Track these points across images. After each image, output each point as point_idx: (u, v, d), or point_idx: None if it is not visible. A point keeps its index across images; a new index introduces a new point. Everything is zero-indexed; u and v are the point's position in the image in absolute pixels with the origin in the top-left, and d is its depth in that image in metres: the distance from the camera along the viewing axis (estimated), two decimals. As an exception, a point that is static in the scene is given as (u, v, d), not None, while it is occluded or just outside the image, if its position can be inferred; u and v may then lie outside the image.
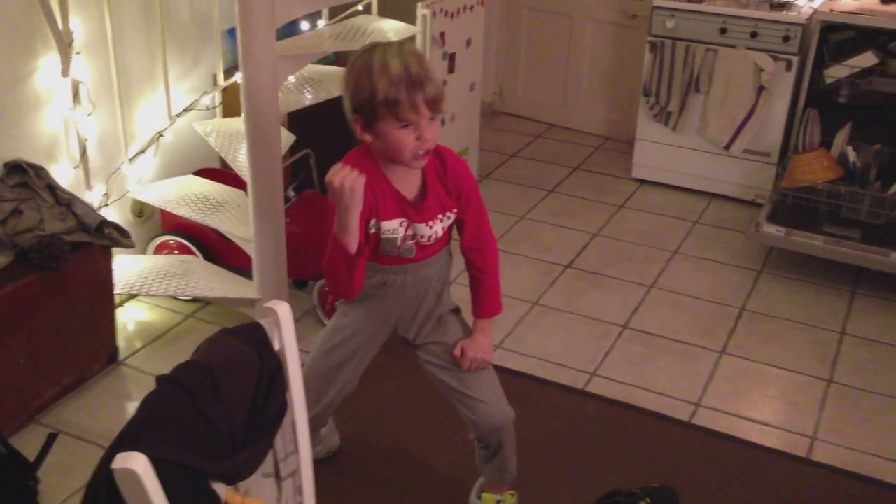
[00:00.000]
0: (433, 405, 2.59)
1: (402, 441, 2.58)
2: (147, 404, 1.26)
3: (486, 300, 2.07)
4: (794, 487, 2.46)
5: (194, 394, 1.27)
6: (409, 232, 1.93)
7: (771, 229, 3.48)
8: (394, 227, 1.91)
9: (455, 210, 1.97)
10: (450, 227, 2.01)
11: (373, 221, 1.89)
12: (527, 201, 4.10)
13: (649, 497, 2.29)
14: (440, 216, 1.94)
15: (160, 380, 1.31)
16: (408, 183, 1.91)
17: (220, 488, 1.33)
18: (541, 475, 2.46)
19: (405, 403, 2.72)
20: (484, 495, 2.25)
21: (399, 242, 1.94)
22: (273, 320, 1.50)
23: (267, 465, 1.47)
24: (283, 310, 1.51)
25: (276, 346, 1.50)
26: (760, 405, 2.81)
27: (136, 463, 1.14)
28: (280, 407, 1.44)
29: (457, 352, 2.04)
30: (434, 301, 2.07)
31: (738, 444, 2.61)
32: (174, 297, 3.13)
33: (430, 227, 1.94)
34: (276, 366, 1.45)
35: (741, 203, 4.06)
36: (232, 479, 1.33)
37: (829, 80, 3.69)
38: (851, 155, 3.47)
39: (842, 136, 3.57)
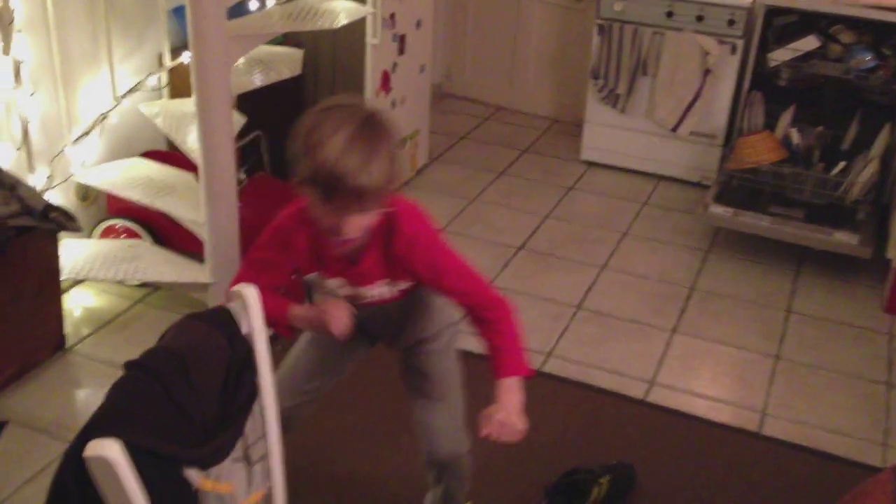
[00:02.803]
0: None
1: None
2: (117, 391, 1.23)
3: (495, 359, 1.77)
4: (745, 462, 2.52)
5: (165, 380, 1.24)
6: (354, 293, 1.79)
7: (718, 210, 3.55)
8: (337, 285, 1.79)
9: (408, 283, 1.80)
10: (412, 286, 1.82)
11: (314, 275, 1.79)
12: (477, 184, 4.10)
13: (608, 474, 2.33)
14: (385, 282, 1.78)
15: (129, 366, 1.27)
16: (346, 243, 1.70)
17: (192, 474, 1.31)
18: (499, 457, 2.47)
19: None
20: None
21: (342, 295, 1.81)
22: (241, 304, 1.48)
23: (237, 449, 1.44)
24: (251, 293, 1.49)
25: (244, 331, 1.47)
26: (711, 382, 2.87)
27: (110, 450, 1.11)
28: (250, 392, 1.42)
29: (485, 431, 1.73)
30: (411, 329, 1.91)
31: (691, 421, 2.67)
32: (122, 283, 3.06)
33: (373, 289, 1.79)
34: (245, 351, 1.43)
35: (688, 184, 4.12)
36: (205, 466, 1.31)
37: (772, 64, 3.76)
38: (795, 137, 3.55)
39: (785, 119, 3.65)
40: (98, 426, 1.16)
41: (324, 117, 1.56)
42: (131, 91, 3.11)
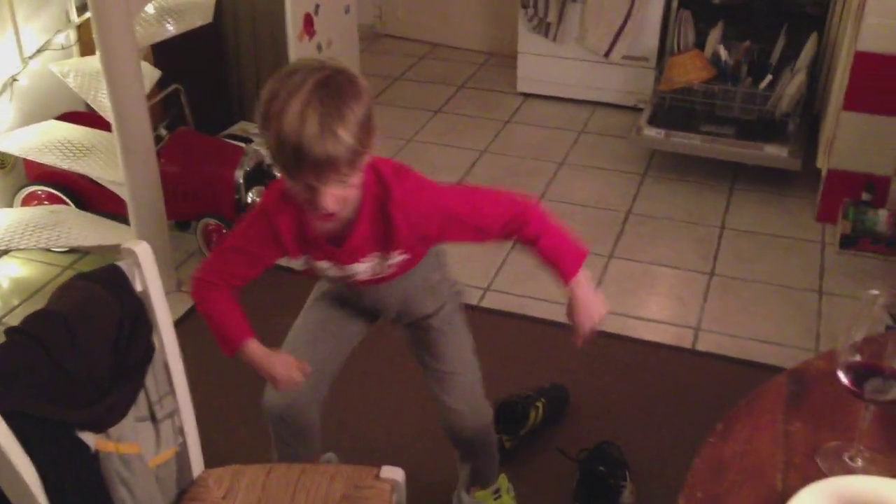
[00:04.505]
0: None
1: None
2: (-5, 359, 1.20)
3: (556, 260, 1.63)
4: (680, 377, 2.56)
5: (45, 343, 1.21)
6: (343, 273, 1.66)
7: (651, 132, 3.54)
8: (326, 266, 1.66)
9: (403, 252, 1.63)
10: (404, 262, 1.67)
11: (304, 258, 1.64)
12: (413, 123, 4.05)
13: (543, 397, 2.36)
14: (376, 254, 1.63)
15: (8, 332, 1.24)
16: (328, 218, 1.55)
17: (90, 437, 1.29)
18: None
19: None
20: (476, 494, 2.07)
21: (337, 278, 1.69)
22: (132, 261, 1.45)
23: (141, 408, 1.43)
24: (143, 249, 1.46)
25: (139, 288, 1.44)
26: (647, 303, 2.89)
27: (-16, 419, 1.09)
28: (145, 349, 1.39)
29: (580, 339, 1.67)
30: (413, 308, 1.80)
31: (625, 342, 2.69)
32: (49, 250, 3.00)
33: (361, 266, 1.64)
34: (137, 308, 1.40)
35: (624, 109, 4.10)
36: (99, 426, 1.29)
37: (700, -20, 3.73)
38: (723, 54, 3.53)
39: (714, 36, 3.63)
40: (-26, 395, 1.14)
41: (280, 84, 1.41)
42: (39, 51, 3.01)
